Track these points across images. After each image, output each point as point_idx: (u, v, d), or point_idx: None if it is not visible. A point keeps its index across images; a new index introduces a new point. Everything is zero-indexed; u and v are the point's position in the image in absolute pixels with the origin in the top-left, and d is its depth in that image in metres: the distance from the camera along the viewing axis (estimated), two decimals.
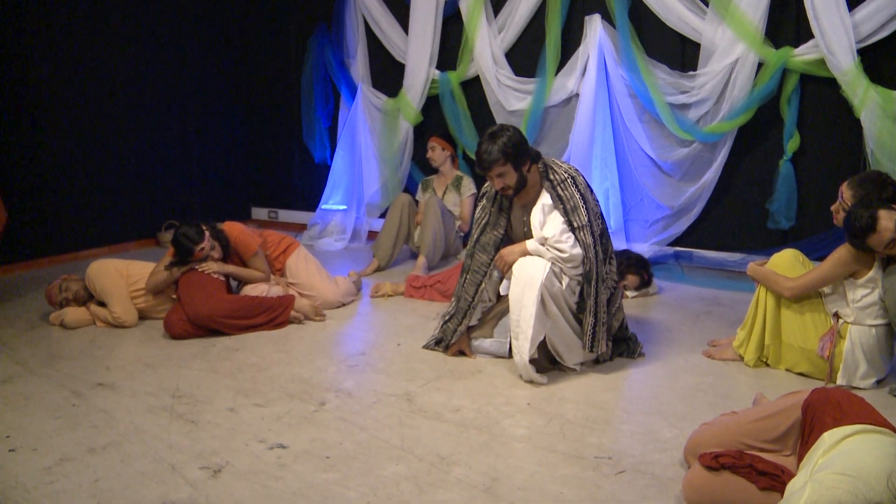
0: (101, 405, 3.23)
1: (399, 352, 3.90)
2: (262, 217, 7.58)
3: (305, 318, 4.41)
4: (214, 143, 7.20)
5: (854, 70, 4.59)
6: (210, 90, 7.10)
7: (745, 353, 3.68)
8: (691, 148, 5.27)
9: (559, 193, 3.49)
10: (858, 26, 4.60)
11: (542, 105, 5.65)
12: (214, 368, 3.67)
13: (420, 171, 6.48)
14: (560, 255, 3.41)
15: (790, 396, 2.45)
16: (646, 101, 5.30)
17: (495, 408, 3.19)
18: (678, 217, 5.46)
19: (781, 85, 4.95)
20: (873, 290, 3.31)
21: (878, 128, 4.57)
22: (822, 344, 3.42)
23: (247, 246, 4.47)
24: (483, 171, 3.50)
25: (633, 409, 3.23)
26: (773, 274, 3.54)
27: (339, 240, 6.54)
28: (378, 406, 3.22)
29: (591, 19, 5.45)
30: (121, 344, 4.07)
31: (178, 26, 6.71)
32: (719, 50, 5.06)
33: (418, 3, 6.10)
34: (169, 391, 3.39)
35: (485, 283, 3.72)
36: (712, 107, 5.15)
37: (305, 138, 6.94)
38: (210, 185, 7.19)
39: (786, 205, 5.05)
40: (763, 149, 5.19)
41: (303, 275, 4.65)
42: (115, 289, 4.30)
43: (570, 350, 3.54)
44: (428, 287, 4.89)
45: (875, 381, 3.39)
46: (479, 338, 3.80)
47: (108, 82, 6.18)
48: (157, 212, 6.65)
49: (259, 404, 3.24)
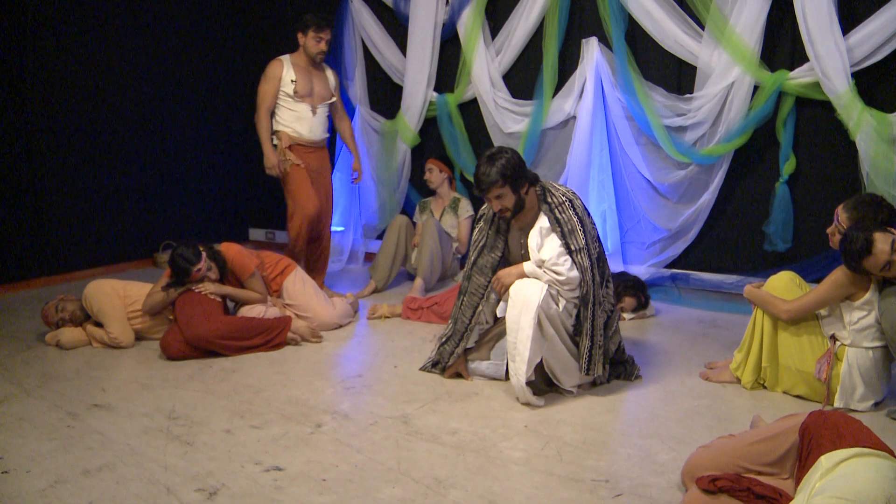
0: (97, 426, 3.22)
1: (396, 374, 3.90)
2: (260, 238, 7.58)
3: (302, 339, 4.41)
4: (212, 163, 7.21)
5: (849, 93, 4.62)
6: (208, 110, 7.12)
7: (742, 376, 3.67)
8: (688, 170, 5.28)
9: (557, 216, 3.50)
10: (852, 50, 4.63)
11: (539, 127, 5.67)
12: (211, 390, 3.66)
13: (418, 192, 6.49)
14: (557, 278, 3.41)
15: (787, 419, 2.44)
16: (643, 123, 5.32)
17: (492, 430, 3.18)
18: (675, 239, 5.47)
19: (777, 108, 4.97)
20: (870, 313, 3.32)
21: (873, 151, 4.59)
22: (819, 366, 3.41)
23: (244, 267, 4.47)
24: (481, 192, 3.51)
25: (631, 431, 3.22)
26: (769, 296, 3.55)
27: (337, 261, 6.53)
28: (375, 428, 3.21)
29: (588, 42, 5.48)
30: (117, 365, 4.06)
31: (175, 47, 6.74)
32: (715, 73, 5.09)
33: (416, 26, 6.13)
34: (165, 412, 3.37)
35: (482, 305, 3.72)
36: (709, 129, 5.17)
37: None
38: (207, 206, 7.19)
39: (782, 227, 5.05)
40: (759, 171, 5.21)
41: (300, 296, 4.65)
42: (112, 309, 4.30)
43: (566, 372, 3.53)
44: (425, 309, 4.89)
45: (872, 403, 3.39)
46: (476, 360, 3.79)
47: (105, 101, 6.20)
48: (154, 232, 6.65)
49: (255, 426, 3.23)
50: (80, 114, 6.01)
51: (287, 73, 5.18)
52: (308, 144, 5.31)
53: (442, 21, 6.09)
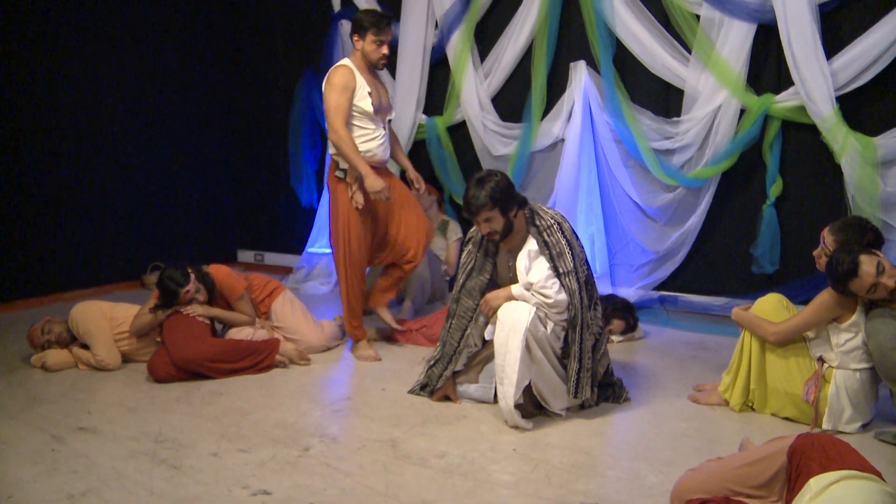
0: (82, 450, 3.19)
1: (384, 396, 3.88)
2: (249, 260, 7.56)
3: (290, 361, 4.39)
4: (201, 185, 7.20)
5: (833, 117, 4.66)
6: (197, 132, 7.12)
7: (730, 398, 3.68)
8: (676, 193, 5.31)
9: (545, 239, 3.51)
10: (836, 74, 4.68)
11: (527, 150, 5.69)
12: (198, 412, 3.64)
13: None
14: (545, 301, 3.42)
15: (776, 442, 2.44)
16: (630, 146, 5.35)
17: (481, 454, 3.17)
18: (663, 261, 5.48)
19: (763, 131, 5.01)
20: (857, 335, 3.34)
21: (858, 174, 4.63)
22: (807, 388, 3.42)
23: (232, 289, 4.45)
24: (470, 215, 3.52)
25: (619, 454, 3.22)
26: (757, 319, 3.56)
27: (325, 283, 6.52)
28: (363, 451, 3.19)
29: (577, 66, 5.52)
30: (103, 387, 4.03)
31: (165, 67, 6.75)
32: (702, 96, 5.13)
33: (405, 49, 6.17)
34: (151, 436, 3.35)
35: (470, 328, 3.72)
36: (696, 152, 5.21)
37: (292, 181, 6.95)
38: (196, 228, 7.18)
39: (770, 249, 5.08)
40: (746, 194, 5.24)
41: (288, 318, 4.63)
42: (99, 331, 4.27)
43: (555, 395, 3.53)
44: (413, 331, 4.88)
45: (860, 425, 3.39)
46: (465, 383, 3.78)
47: (92, 121, 6.19)
48: (142, 253, 6.62)
49: (243, 449, 3.21)
50: (66, 133, 5.99)
51: (361, 85, 4.42)
52: (380, 166, 4.57)
53: (431, 44, 6.12)
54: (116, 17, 6.29)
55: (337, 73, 4.40)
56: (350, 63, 4.47)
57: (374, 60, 4.47)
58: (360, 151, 4.38)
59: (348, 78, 4.38)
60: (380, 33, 4.42)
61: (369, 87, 4.43)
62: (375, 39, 4.42)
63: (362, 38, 4.44)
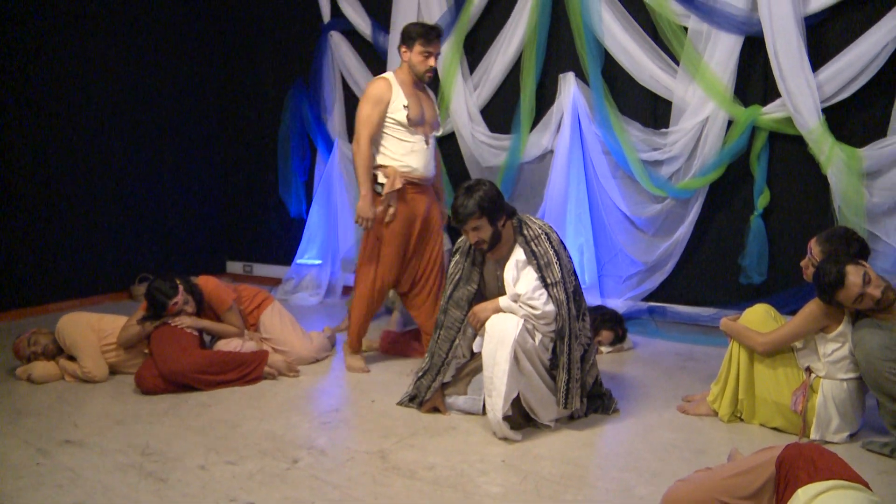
0: (67, 463, 3.17)
1: (373, 408, 3.87)
2: (237, 271, 7.55)
3: (279, 373, 4.37)
4: (190, 195, 7.19)
5: (820, 128, 4.69)
6: (186, 142, 7.11)
7: (719, 409, 3.68)
8: (664, 204, 5.33)
9: (533, 249, 3.51)
10: (822, 86, 4.71)
11: (517, 161, 5.71)
12: (186, 425, 3.62)
13: None
14: (533, 312, 3.42)
15: (764, 452, 2.44)
16: (619, 157, 5.37)
17: (470, 465, 3.16)
18: (652, 272, 5.50)
19: (751, 142, 5.04)
20: (844, 345, 3.35)
21: (844, 184, 4.66)
22: (795, 398, 3.43)
23: (221, 300, 4.44)
24: (458, 224, 3.52)
25: (608, 465, 3.21)
26: (745, 329, 3.57)
27: (314, 295, 6.51)
28: (351, 463, 3.18)
29: (565, 77, 5.55)
30: (90, 399, 4.00)
31: (154, 78, 6.75)
32: (690, 108, 5.16)
33: (394, 60, 6.18)
34: (138, 448, 3.33)
35: (459, 339, 3.71)
36: (684, 163, 5.23)
37: (281, 192, 6.96)
38: (185, 238, 7.16)
39: (757, 260, 5.10)
40: (734, 205, 5.26)
41: (277, 330, 4.62)
42: (86, 343, 4.25)
43: (544, 407, 3.52)
44: (402, 343, 4.87)
45: (848, 435, 3.40)
46: (454, 395, 3.78)
47: (80, 129, 6.18)
48: (130, 264, 6.60)
49: (231, 461, 3.19)
50: (53, 143, 5.98)
51: (397, 97, 4.33)
52: (421, 182, 4.44)
53: None
54: (106, 29, 6.29)
55: (373, 85, 4.36)
56: (390, 76, 4.40)
57: (421, 73, 4.38)
58: (401, 164, 4.32)
59: (383, 90, 4.31)
60: (428, 45, 4.32)
61: (407, 99, 4.33)
62: (423, 51, 4.32)
63: (410, 50, 4.35)
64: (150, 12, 6.66)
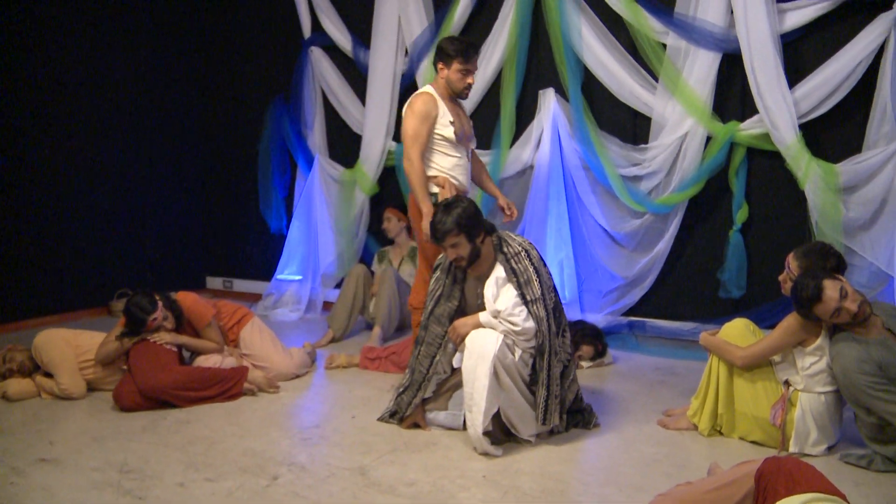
0: (42, 482, 3.13)
1: (354, 424, 3.85)
2: (217, 286, 7.51)
3: (259, 389, 4.35)
4: (169, 211, 7.16)
5: (797, 144, 4.74)
6: (166, 157, 7.08)
7: (699, 423, 3.70)
8: (643, 219, 5.36)
9: (513, 266, 3.52)
10: (799, 103, 4.77)
11: (497, 177, 5.72)
12: (164, 442, 3.59)
13: (376, 241, 6.49)
14: (513, 329, 3.42)
15: (743, 466, 2.46)
16: (599, 173, 5.40)
17: (450, 481, 3.16)
18: (632, 287, 5.52)
19: (729, 158, 5.08)
20: (821, 358, 3.38)
21: (821, 200, 4.71)
22: (774, 412, 3.45)
23: (200, 316, 4.42)
24: (437, 241, 3.53)
25: (589, 480, 3.21)
26: (724, 343, 3.59)
27: (295, 310, 6.49)
28: (332, 480, 3.16)
29: (545, 93, 5.58)
30: (67, 417, 3.96)
31: (133, 92, 6.72)
32: (669, 124, 5.20)
33: (375, 76, 6.20)
34: (116, 466, 3.29)
35: (439, 354, 3.71)
36: (663, 179, 5.27)
37: (262, 208, 6.94)
38: (164, 254, 7.12)
39: (736, 274, 5.13)
40: (713, 220, 5.30)
41: (257, 346, 4.60)
42: (63, 359, 4.21)
43: (524, 422, 3.52)
44: (383, 359, 4.86)
45: (826, 447, 3.43)
46: (434, 410, 3.77)
47: (58, 146, 6.14)
48: (109, 280, 6.55)
49: (210, 479, 3.16)
50: (30, 157, 5.94)
51: (444, 113, 4.26)
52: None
53: (401, 71, 6.17)
54: (85, 43, 6.27)
55: (419, 100, 4.25)
56: (432, 90, 4.31)
57: (459, 90, 4.32)
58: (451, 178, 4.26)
59: (430, 105, 4.23)
60: (466, 63, 4.25)
61: (451, 115, 4.28)
62: (461, 69, 4.26)
63: (447, 67, 4.28)
64: (130, 26, 6.64)
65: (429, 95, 4.28)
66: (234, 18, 7.15)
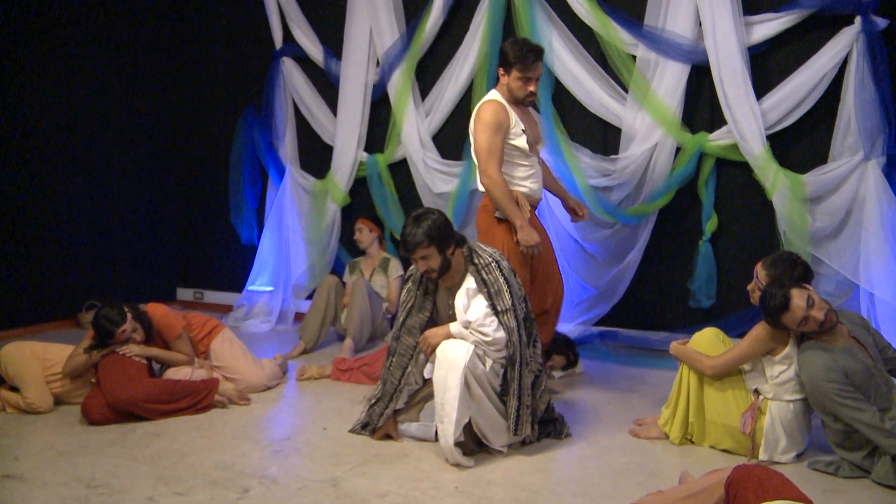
0: (7, 499, 3.07)
1: (325, 436, 3.83)
2: (188, 298, 7.44)
3: (230, 401, 4.31)
4: (139, 221, 7.08)
5: (764, 155, 4.81)
6: (136, 167, 7.02)
7: (670, 431, 3.72)
8: (614, 230, 5.40)
9: (483, 277, 3.52)
10: (766, 114, 4.83)
11: (468, 188, 5.73)
12: (133, 455, 3.54)
13: (347, 252, 6.48)
14: (483, 339, 3.43)
15: (714, 474, 2.48)
16: (569, 184, 5.42)
17: (422, 492, 3.15)
18: (603, 297, 5.55)
19: (699, 168, 5.14)
20: (789, 367, 3.42)
21: (788, 210, 4.77)
22: (744, 420, 3.48)
23: (170, 328, 4.38)
24: (407, 253, 3.53)
25: (562, 490, 3.22)
26: (694, 353, 3.62)
27: (266, 322, 6.45)
28: (303, 492, 3.14)
29: None
30: (33, 431, 3.90)
31: (102, 102, 6.65)
32: (639, 135, 5.24)
33: (347, 87, 6.20)
34: (83, 481, 3.24)
35: (411, 366, 3.71)
36: (633, 189, 5.31)
37: (233, 219, 6.90)
38: (134, 265, 7.04)
39: (706, 284, 5.18)
40: (683, 230, 5.34)
41: (227, 358, 4.56)
42: (30, 373, 4.14)
43: (496, 432, 3.53)
44: (354, 370, 4.84)
45: (795, 455, 3.46)
46: (406, 421, 3.76)
47: (26, 155, 6.05)
48: (77, 291, 6.46)
49: (180, 493, 3.13)
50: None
51: (515, 121, 4.05)
52: (536, 205, 4.34)
53: (372, 82, 6.17)
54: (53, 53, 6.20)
55: (489, 111, 4.02)
56: (500, 97, 4.09)
57: (521, 98, 4.11)
58: (526, 189, 4.10)
59: (501, 116, 4.01)
60: (526, 70, 4.02)
61: (523, 123, 4.10)
62: (521, 76, 4.04)
63: (507, 73, 4.07)
64: (99, 36, 6.58)
65: (498, 104, 4.05)
66: (206, 28, 7.12)
